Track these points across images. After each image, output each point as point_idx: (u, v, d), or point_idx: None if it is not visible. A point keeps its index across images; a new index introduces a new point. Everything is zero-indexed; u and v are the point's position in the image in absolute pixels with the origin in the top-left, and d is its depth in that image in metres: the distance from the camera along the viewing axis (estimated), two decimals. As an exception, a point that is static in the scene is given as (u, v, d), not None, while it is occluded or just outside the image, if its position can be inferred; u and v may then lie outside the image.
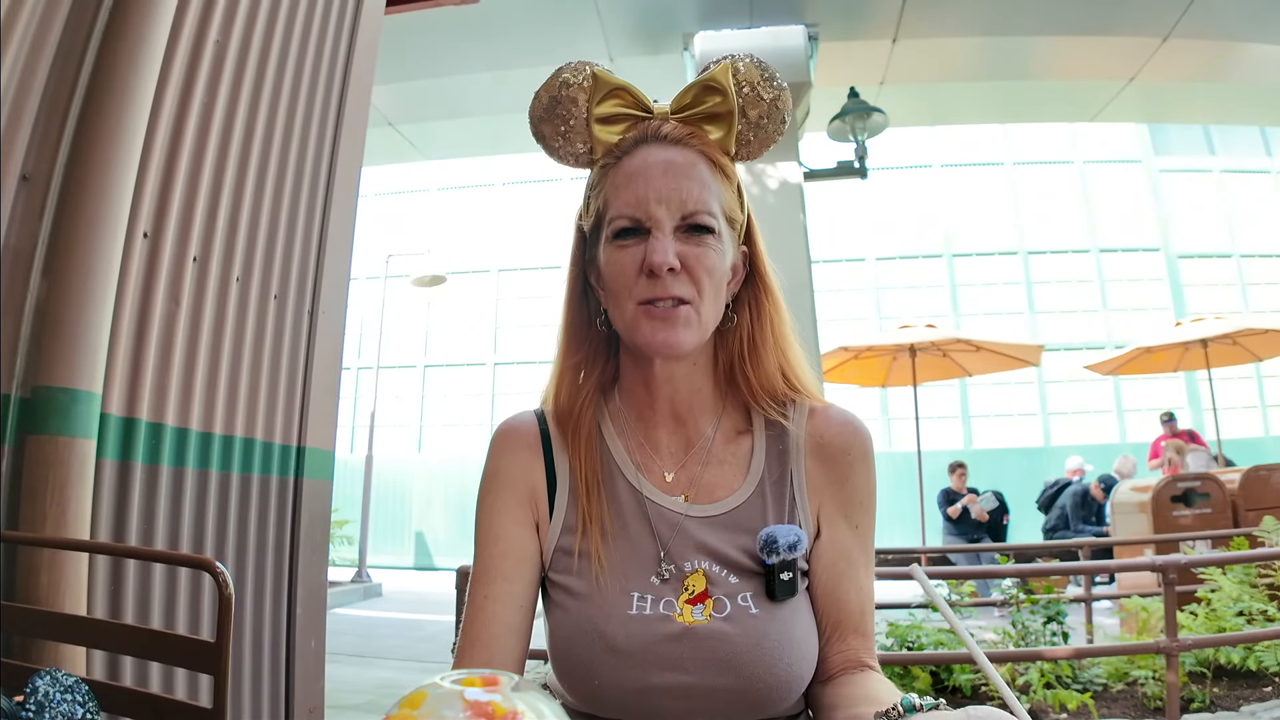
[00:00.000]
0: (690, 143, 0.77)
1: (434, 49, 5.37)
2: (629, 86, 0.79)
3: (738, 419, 0.82)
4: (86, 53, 1.58)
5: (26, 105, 1.46)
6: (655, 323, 0.73)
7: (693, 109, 0.78)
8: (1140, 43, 5.61)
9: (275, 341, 2.11)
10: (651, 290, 0.73)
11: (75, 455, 1.45)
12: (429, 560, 12.67)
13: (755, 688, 0.70)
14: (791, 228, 5.01)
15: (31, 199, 1.48)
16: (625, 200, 0.75)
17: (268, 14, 2.11)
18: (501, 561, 0.77)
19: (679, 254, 0.73)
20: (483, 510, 0.81)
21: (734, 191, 0.80)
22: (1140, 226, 14.58)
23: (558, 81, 0.79)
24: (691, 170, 0.76)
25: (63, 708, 0.95)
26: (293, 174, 2.19)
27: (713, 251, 0.75)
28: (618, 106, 0.79)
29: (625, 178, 0.76)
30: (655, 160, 0.76)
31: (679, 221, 0.74)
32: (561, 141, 0.80)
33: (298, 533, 2.14)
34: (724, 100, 0.77)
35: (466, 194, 16.03)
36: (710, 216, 0.75)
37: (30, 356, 1.46)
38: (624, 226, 0.75)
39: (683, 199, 0.74)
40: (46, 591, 1.37)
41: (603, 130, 0.78)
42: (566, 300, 0.85)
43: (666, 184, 0.74)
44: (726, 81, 0.77)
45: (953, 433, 13.71)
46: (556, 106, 0.79)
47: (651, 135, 0.77)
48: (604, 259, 0.78)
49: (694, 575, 0.74)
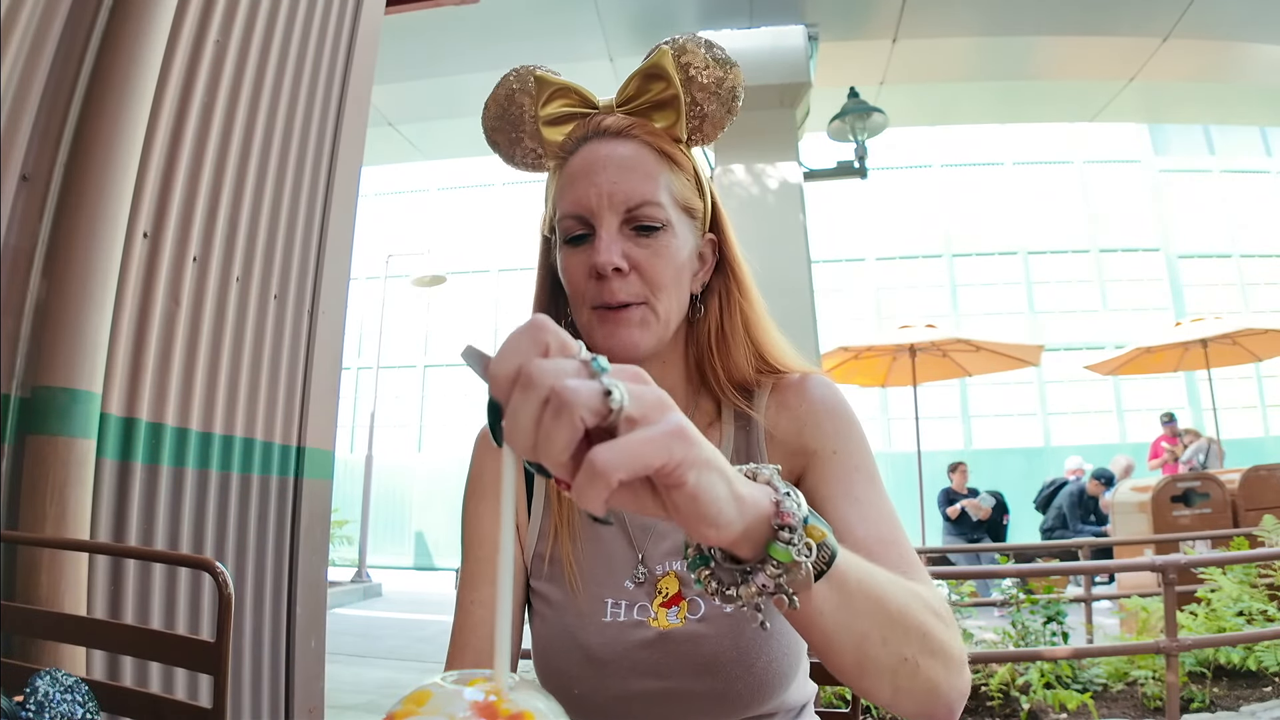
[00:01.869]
0: (633, 133, 0.75)
1: (434, 49, 5.37)
2: (573, 85, 0.77)
3: (709, 411, 0.80)
4: (86, 53, 1.58)
5: (26, 105, 1.46)
6: (608, 326, 0.72)
7: (637, 100, 0.76)
8: (1140, 43, 5.61)
9: (275, 341, 2.11)
10: (601, 295, 0.71)
11: (75, 455, 1.45)
12: (429, 560, 12.67)
13: (735, 688, 0.69)
14: (791, 228, 5.01)
15: (31, 199, 1.48)
16: (569, 201, 0.73)
17: (268, 14, 2.11)
18: (488, 565, 0.76)
19: (628, 254, 0.71)
20: (468, 514, 0.80)
21: (689, 179, 0.77)
22: (1140, 226, 14.59)
23: (503, 90, 0.79)
24: (635, 163, 0.73)
25: (63, 708, 0.95)
26: (293, 174, 2.19)
27: (664, 247, 0.72)
28: (564, 107, 0.77)
29: (569, 179, 0.74)
30: (597, 157, 0.73)
31: (624, 216, 0.72)
32: (513, 148, 0.80)
33: (298, 533, 2.14)
34: (667, 86, 0.75)
35: (466, 194, 16.03)
36: (656, 208, 0.72)
37: (30, 356, 1.46)
38: (571, 229, 0.73)
39: (626, 194, 0.71)
40: (46, 591, 1.37)
41: (551, 132, 0.77)
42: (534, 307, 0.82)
43: (608, 180, 0.72)
44: (668, 65, 0.74)
45: (953, 433, 13.72)
46: (505, 113, 0.79)
47: (594, 131, 0.75)
48: (560, 264, 0.76)
49: (666, 577, 0.73)
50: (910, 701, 0.54)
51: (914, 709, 0.55)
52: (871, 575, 0.51)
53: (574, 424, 0.35)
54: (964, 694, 0.57)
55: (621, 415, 0.36)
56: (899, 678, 0.52)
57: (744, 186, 5.27)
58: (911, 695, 0.53)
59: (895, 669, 0.51)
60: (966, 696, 0.57)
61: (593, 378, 0.37)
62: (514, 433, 0.37)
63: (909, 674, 0.52)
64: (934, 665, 0.53)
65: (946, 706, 0.56)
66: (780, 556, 0.44)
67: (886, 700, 0.53)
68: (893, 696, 0.53)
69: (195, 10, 1.84)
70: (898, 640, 0.51)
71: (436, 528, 12.76)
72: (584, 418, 0.35)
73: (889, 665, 0.51)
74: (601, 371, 0.37)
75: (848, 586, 0.48)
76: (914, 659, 0.52)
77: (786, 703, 0.75)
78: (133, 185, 1.60)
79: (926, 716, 0.55)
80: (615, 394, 0.36)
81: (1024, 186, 15.00)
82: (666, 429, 0.37)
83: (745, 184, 5.17)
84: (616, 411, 0.36)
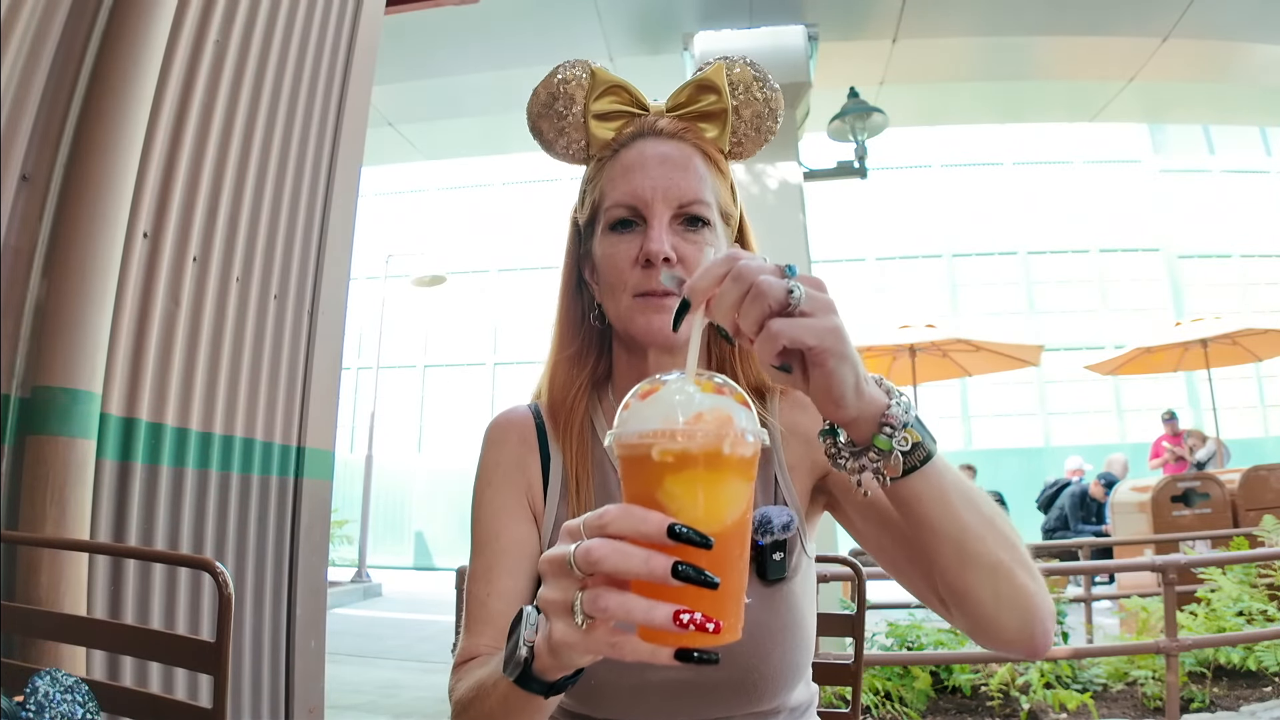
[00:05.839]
0: (686, 138, 0.79)
1: (434, 49, 5.36)
2: (626, 84, 0.80)
3: None
4: (86, 53, 1.58)
5: (26, 105, 1.46)
6: (650, 313, 0.74)
7: (687, 107, 0.80)
8: (1140, 43, 5.61)
9: (275, 341, 2.11)
10: (647, 282, 0.74)
11: (75, 455, 1.45)
12: (429, 560, 12.67)
13: (750, 678, 0.70)
14: (791, 228, 5.01)
15: (31, 199, 1.48)
16: (622, 192, 0.76)
17: (268, 14, 2.11)
18: (503, 558, 0.76)
19: (675, 246, 0.74)
20: (481, 506, 0.80)
21: (728, 188, 0.81)
22: (1140, 226, 14.59)
23: (556, 79, 0.80)
24: (688, 163, 0.77)
25: (63, 708, 0.95)
26: (293, 174, 2.19)
27: (707, 244, 0.76)
28: (614, 103, 0.80)
29: (622, 170, 0.77)
30: (652, 153, 0.77)
31: (675, 211, 0.75)
32: (558, 137, 0.81)
33: (298, 533, 2.14)
34: (719, 99, 0.79)
35: (466, 194, 16.03)
36: (704, 206, 0.76)
37: (30, 356, 1.46)
38: (620, 217, 0.76)
39: (680, 190, 0.75)
40: (46, 591, 1.37)
41: (599, 126, 0.80)
42: (561, 295, 0.85)
43: (663, 175, 0.75)
44: (721, 81, 0.79)
45: (953, 433, 13.72)
46: (554, 103, 0.80)
47: (648, 130, 0.79)
48: (599, 251, 0.78)
49: None
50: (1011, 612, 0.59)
51: (1014, 621, 0.59)
52: (968, 484, 0.59)
53: (764, 307, 0.49)
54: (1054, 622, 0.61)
55: (798, 307, 0.50)
56: (998, 579, 0.58)
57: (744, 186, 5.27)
58: (1012, 604, 0.59)
59: (995, 568, 0.58)
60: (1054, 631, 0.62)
61: (783, 278, 0.50)
62: (719, 307, 0.51)
63: (1007, 577, 0.58)
64: (1027, 578, 0.59)
65: (1044, 627, 0.60)
66: (880, 445, 0.55)
67: (989, 606, 0.59)
68: (995, 603, 0.59)
69: (195, 10, 1.84)
70: (994, 541, 0.58)
71: (436, 528, 12.76)
72: (771, 305, 0.49)
73: (988, 563, 0.58)
74: (791, 275, 0.51)
75: (944, 482, 0.57)
76: (1009, 565, 0.58)
77: (792, 701, 0.76)
78: (133, 185, 1.60)
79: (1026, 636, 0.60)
80: (796, 293, 0.50)
81: (1024, 186, 15.00)
82: (826, 324, 0.50)
83: (745, 184, 5.16)
84: (795, 304, 0.50)
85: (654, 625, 0.42)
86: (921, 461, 0.56)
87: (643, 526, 0.43)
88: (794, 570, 0.75)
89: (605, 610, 0.43)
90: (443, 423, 14.90)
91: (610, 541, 0.43)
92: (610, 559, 0.42)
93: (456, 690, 0.67)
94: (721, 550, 0.44)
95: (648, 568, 0.42)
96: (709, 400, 0.46)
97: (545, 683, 0.51)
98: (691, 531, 0.43)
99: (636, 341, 0.78)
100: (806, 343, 0.49)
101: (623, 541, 0.43)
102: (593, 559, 0.43)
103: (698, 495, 0.45)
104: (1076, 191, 14.94)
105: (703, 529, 0.43)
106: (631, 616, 0.43)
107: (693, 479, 0.45)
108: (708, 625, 0.42)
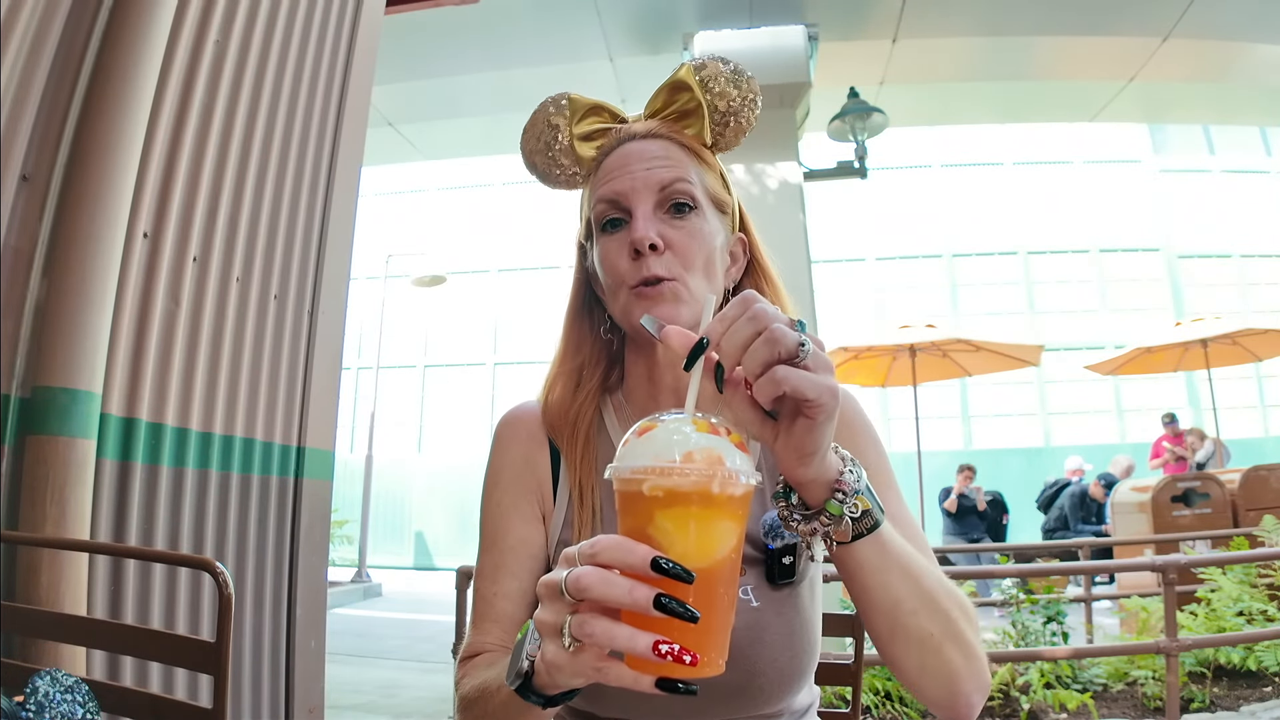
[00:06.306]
0: (662, 133, 0.80)
1: (434, 49, 5.36)
2: (604, 103, 0.82)
3: None
4: (86, 53, 1.58)
5: (26, 105, 1.46)
6: (645, 303, 0.75)
7: (665, 110, 0.81)
8: (1140, 43, 5.60)
9: (275, 341, 2.11)
10: (638, 271, 0.75)
11: (75, 455, 1.45)
12: (429, 560, 12.67)
13: (757, 682, 0.70)
14: (791, 228, 5.00)
15: (31, 199, 1.48)
16: (605, 189, 0.78)
17: (268, 14, 2.11)
18: (510, 557, 0.77)
19: (662, 233, 0.75)
20: (490, 505, 0.80)
21: (717, 175, 0.82)
22: (1140, 226, 14.58)
23: (540, 115, 0.83)
24: (667, 153, 0.78)
25: (63, 708, 0.95)
26: (293, 174, 2.19)
27: (697, 229, 0.76)
28: (595, 123, 0.82)
29: (604, 173, 0.79)
30: (632, 152, 0.78)
31: (659, 198, 0.76)
32: (551, 167, 0.83)
33: (298, 533, 2.14)
34: (691, 95, 0.80)
35: (466, 194, 16.01)
36: (688, 185, 0.77)
37: (30, 356, 1.46)
38: (608, 215, 0.77)
39: (659, 175, 0.76)
40: (46, 591, 1.37)
41: (584, 147, 0.81)
42: (568, 313, 0.86)
43: (642, 167, 0.77)
44: (691, 79, 0.80)
45: (953, 433, 13.71)
46: (542, 136, 0.82)
47: (627, 136, 0.80)
48: (597, 256, 0.79)
49: None
50: (933, 683, 0.60)
51: (936, 692, 0.61)
52: (910, 554, 0.60)
53: (774, 352, 0.50)
54: (983, 692, 0.62)
55: (804, 360, 0.51)
56: (925, 653, 0.59)
57: (744, 186, 5.26)
58: (935, 676, 0.60)
59: (922, 642, 0.59)
60: (985, 697, 0.62)
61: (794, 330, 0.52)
62: (729, 345, 0.51)
63: (933, 651, 0.59)
64: (955, 653, 0.60)
65: (966, 700, 0.61)
66: (832, 509, 0.57)
67: (913, 676, 0.60)
68: (919, 674, 0.60)
69: (195, 10, 1.84)
70: (926, 615, 0.59)
71: (436, 528, 12.75)
72: (781, 352, 0.50)
73: (917, 636, 0.59)
74: (801, 330, 0.52)
75: (887, 552, 0.58)
76: (939, 638, 0.59)
77: (795, 704, 0.76)
78: (133, 185, 1.60)
79: (948, 706, 0.61)
80: (807, 345, 0.51)
81: (1024, 186, 14.98)
82: (827, 383, 0.52)
83: (745, 184, 5.15)
84: (804, 357, 0.51)
85: (635, 653, 0.44)
86: (869, 529, 0.58)
87: (629, 558, 0.45)
88: (802, 574, 0.75)
89: (591, 635, 0.45)
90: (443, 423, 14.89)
91: (599, 570, 0.45)
92: (597, 587, 0.45)
93: (462, 686, 0.69)
94: (706, 585, 0.46)
95: (631, 598, 0.44)
96: (703, 440, 0.48)
97: (544, 695, 0.52)
98: (675, 566, 0.44)
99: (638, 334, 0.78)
100: (807, 395, 0.51)
101: (611, 571, 0.45)
102: (581, 586, 0.45)
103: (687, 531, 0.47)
104: (1076, 191, 14.92)
105: (690, 564, 0.45)
106: (615, 643, 0.45)
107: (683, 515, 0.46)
108: (684, 657, 0.44)
